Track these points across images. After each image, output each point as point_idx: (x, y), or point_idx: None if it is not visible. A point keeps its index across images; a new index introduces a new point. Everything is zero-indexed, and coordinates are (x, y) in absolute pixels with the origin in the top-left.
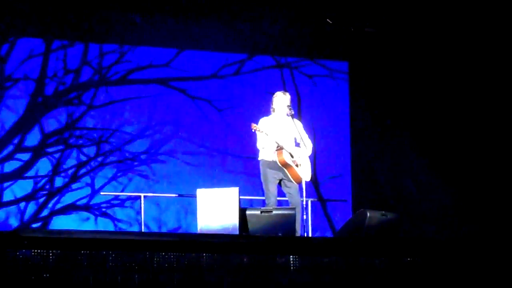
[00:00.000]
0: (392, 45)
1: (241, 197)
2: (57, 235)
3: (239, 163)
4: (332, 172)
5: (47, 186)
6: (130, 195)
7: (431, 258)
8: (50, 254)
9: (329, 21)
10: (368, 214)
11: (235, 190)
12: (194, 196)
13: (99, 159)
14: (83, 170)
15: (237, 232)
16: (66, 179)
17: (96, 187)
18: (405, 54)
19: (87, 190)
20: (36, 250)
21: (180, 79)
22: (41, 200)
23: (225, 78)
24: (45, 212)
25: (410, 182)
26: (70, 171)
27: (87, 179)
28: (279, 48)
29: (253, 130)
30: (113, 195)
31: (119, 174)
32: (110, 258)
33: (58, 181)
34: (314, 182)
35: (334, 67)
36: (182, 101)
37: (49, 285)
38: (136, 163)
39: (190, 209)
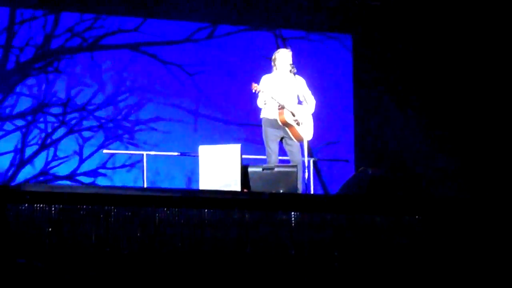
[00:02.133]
0: (397, 15)
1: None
2: (59, 189)
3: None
4: (330, 138)
5: (27, 154)
6: (132, 153)
7: (432, 216)
8: (53, 209)
9: None
10: (370, 172)
11: (237, 147)
12: (196, 155)
13: (72, 125)
14: (50, 139)
15: (239, 189)
16: (36, 148)
17: (84, 156)
18: (410, 22)
19: (74, 159)
20: (38, 205)
21: (152, 44)
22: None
23: (198, 42)
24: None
25: (412, 144)
26: (41, 140)
27: (66, 146)
28: (273, 20)
29: (253, 91)
30: (115, 153)
31: (107, 142)
32: (113, 213)
33: (32, 150)
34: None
35: (334, 36)
36: (154, 66)
37: (51, 239)
38: (120, 131)
39: (193, 178)
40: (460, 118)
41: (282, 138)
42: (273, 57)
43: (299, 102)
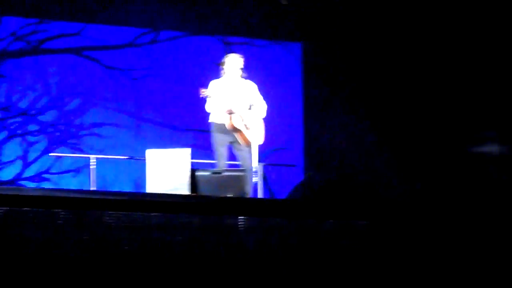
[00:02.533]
0: (346, 22)
1: None
2: (5, 191)
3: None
4: (279, 144)
5: None
6: (79, 157)
7: (379, 220)
8: None
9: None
10: (318, 177)
11: (187, 151)
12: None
13: (15, 129)
14: None
15: (187, 193)
16: None
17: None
18: (359, 29)
19: (17, 164)
20: None
21: (95, 48)
22: None
23: (141, 46)
24: None
25: (360, 150)
26: None
27: (10, 151)
28: (218, 25)
29: (201, 96)
30: (62, 156)
31: (52, 147)
32: (60, 215)
33: None
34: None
35: (282, 43)
36: (96, 71)
37: None
38: (65, 136)
39: (141, 184)
40: (408, 123)
41: (232, 143)
42: (222, 61)
43: (250, 107)
